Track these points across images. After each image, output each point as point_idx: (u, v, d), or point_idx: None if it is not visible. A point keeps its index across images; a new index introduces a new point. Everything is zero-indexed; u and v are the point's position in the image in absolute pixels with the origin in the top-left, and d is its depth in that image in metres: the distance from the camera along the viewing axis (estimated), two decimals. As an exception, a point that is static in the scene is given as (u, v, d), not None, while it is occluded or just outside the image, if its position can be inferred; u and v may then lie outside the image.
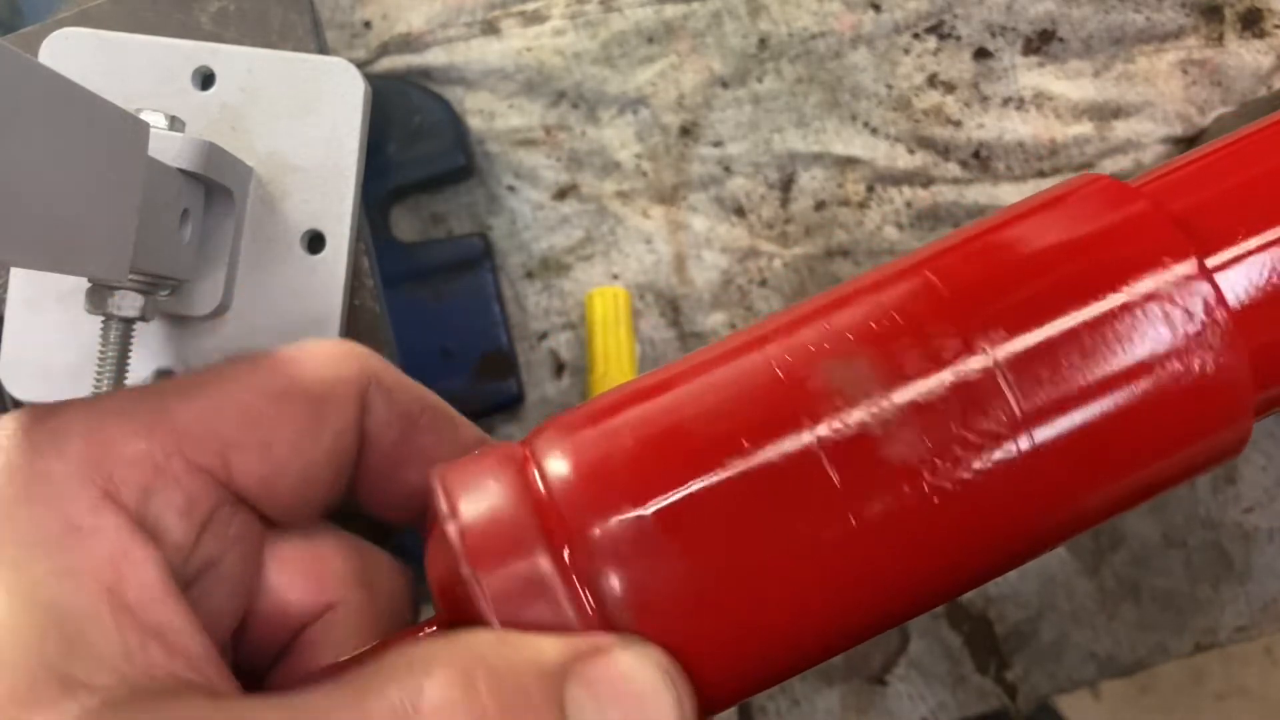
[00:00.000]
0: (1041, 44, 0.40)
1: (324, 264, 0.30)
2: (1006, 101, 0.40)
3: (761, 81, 0.40)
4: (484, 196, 0.40)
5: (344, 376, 0.22)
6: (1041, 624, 0.39)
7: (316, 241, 0.30)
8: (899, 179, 0.40)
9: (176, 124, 0.27)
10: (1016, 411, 0.20)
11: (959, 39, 0.40)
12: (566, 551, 0.19)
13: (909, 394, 0.20)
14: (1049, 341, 0.21)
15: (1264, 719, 0.96)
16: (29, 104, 0.18)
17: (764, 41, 0.40)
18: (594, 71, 0.40)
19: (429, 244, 0.40)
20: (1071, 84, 0.40)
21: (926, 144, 0.40)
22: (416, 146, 0.39)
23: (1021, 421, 0.20)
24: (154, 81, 0.30)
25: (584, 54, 0.40)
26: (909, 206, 0.40)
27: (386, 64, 0.40)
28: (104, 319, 0.26)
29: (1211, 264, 0.22)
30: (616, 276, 0.40)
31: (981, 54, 0.40)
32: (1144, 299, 0.21)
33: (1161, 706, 0.97)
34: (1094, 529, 0.26)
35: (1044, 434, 0.20)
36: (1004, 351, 0.21)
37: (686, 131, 0.40)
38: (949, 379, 0.20)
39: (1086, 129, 0.40)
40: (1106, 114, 0.40)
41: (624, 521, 0.19)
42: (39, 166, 0.19)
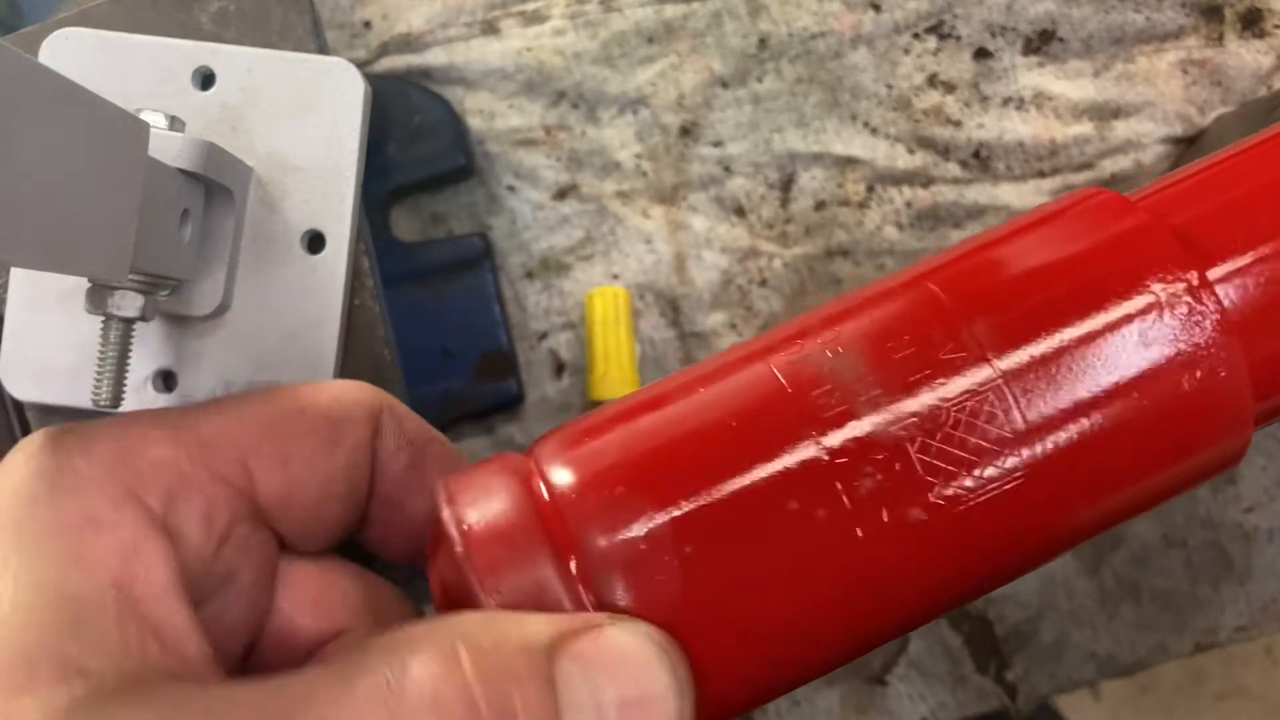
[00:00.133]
0: (1041, 44, 0.40)
1: (324, 264, 0.30)
2: (1006, 101, 0.40)
3: (761, 81, 0.40)
4: (484, 196, 0.40)
5: (359, 400, 0.23)
6: (1041, 624, 0.39)
7: (316, 241, 0.30)
8: (899, 179, 0.40)
9: (176, 124, 0.27)
10: (1021, 422, 0.20)
11: (959, 39, 0.40)
12: (573, 562, 0.19)
13: (914, 405, 0.20)
14: (1052, 353, 0.21)
15: (1264, 719, 0.96)
16: (29, 104, 0.18)
17: (764, 41, 0.40)
18: (594, 71, 0.40)
19: (429, 244, 0.40)
20: (1071, 84, 0.40)
21: (926, 144, 0.40)
22: (416, 146, 0.39)
23: (1026, 432, 0.20)
24: (154, 81, 0.30)
25: (584, 54, 0.40)
26: (909, 206, 0.40)
27: (386, 64, 0.40)
28: (104, 319, 0.26)
29: (1212, 276, 0.22)
30: (616, 276, 0.40)
31: (981, 54, 0.40)
32: (1145, 311, 0.21)
33: (1161, 706, 0.97)
34: (1094, 529, 0.26)
35: (1048, 444, 0.20)
36: (1008, 363, 0.21)
37: (686, 131, 0.40)
38: (954, 390, 0.20)
39: (1086, 129, 0.40)
40: (1106, 114, 0.40)
41: (631, 532, 0.19)
42: (39, 166, 0.19)
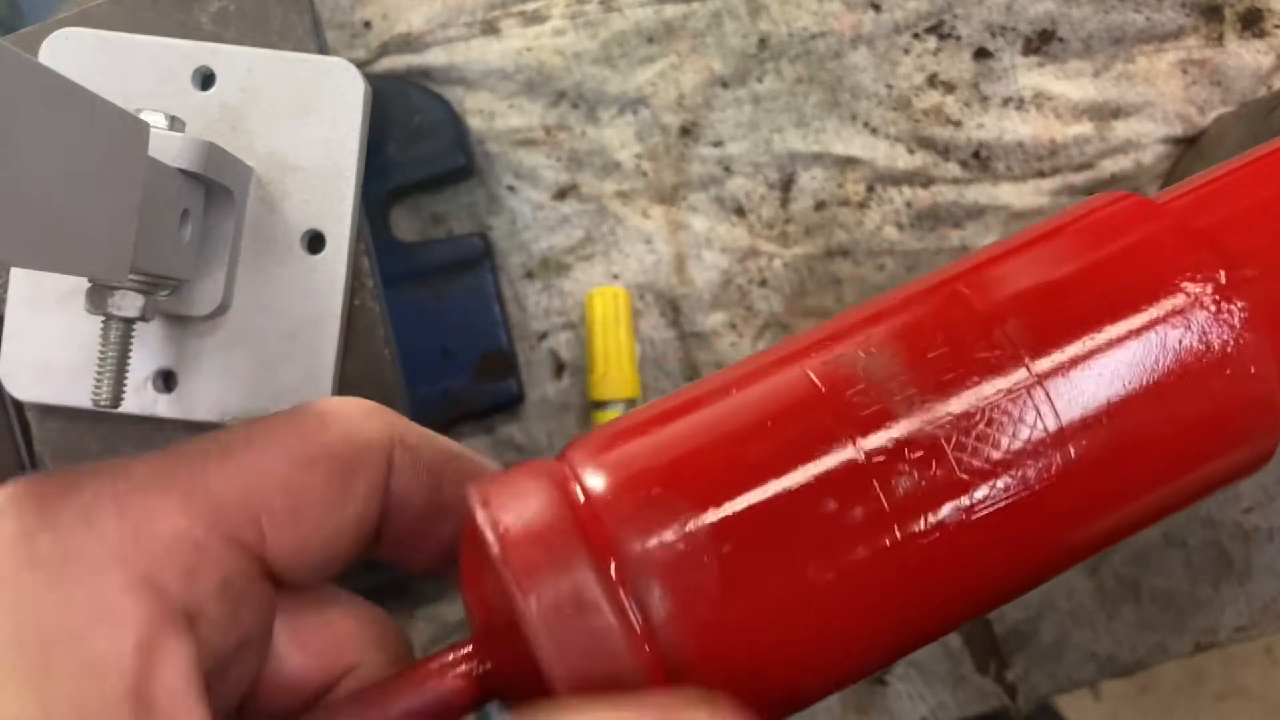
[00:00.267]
0: (1041, 44, 0.40)
1: (324, 264, 0.30)
2: (1006, 101, 0.40)
3: (761, 81, 0.40)
4: (484, 196, 0.40)
5: (370, 441, 0.22)
6: (1041, 624, 0.39)
7: (316, 241, 0.30)
8: (899, 179, 0.40)
9: (176, 124, 0.27)
10: (1055, 420, 0.20)
11: (959, 39, 0.40)
12: (613, 566, 0.19)
13: (949, 404, 0.20)
14: (1085, 352, 0.21)
15: (1264, 719, 0.96)
16: (29, 104, 0.18)
17: (764, 41, 0.40)
18: (594, 71, 0.40)
19: (429, 244, 0.40)
20: (1071, 84, 0.40)
21: (926, 144, 0.40)
22: (416, 146, 0.39)
23: (1061, 430, 0.20)
24: (154, 81, 0.30)
25: (584, 54, 0.40)
26: (909, 206, 0.40)
27: (386, 64, 0.40)
28: (104, 319, 0.26)
29: (1239, 276, 0.22)
30: (616, 276, 0.40)
31: (981, 54, 0.40)
32: (1176, 311, 0.21)
33: (1161, 706, 0.97)
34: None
35: (1083, 441, 0.21)
36: (1042, 362, 0.21)
37: (686, 131, 0.40)
38: (989, 389, 0.20)
39: (1086, 129, 0.40)
40: (1106, 114, 0.40)
41: (669, 533, 0.19)
42: (39, 166, 0.18)
